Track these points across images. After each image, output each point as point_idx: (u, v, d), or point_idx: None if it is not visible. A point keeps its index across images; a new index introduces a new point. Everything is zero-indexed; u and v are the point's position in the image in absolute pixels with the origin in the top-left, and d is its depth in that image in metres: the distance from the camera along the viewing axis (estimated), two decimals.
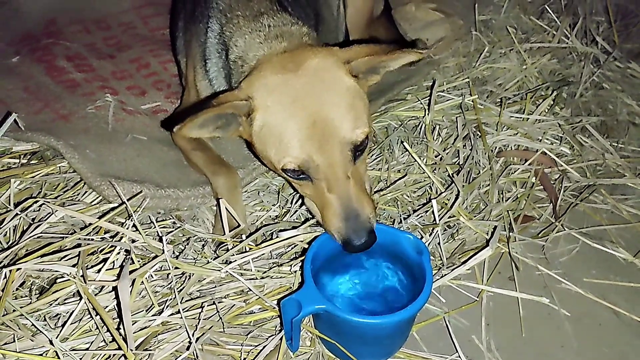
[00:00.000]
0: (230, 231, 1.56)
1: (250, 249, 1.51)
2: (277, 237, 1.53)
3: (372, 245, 1.36)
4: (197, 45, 1.72)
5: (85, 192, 1.69)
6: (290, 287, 1.47)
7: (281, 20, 1.57)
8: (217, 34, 1.64)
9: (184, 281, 1.43)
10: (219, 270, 1.42)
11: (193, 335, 1.31)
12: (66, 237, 1.42)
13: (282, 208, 1.74)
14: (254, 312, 1.44)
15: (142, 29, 2.52)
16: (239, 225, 1.59)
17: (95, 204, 1.62)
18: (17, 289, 1.38)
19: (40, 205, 1.54)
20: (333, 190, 1.34)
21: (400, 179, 1.80)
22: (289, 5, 1.71)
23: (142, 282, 1.35)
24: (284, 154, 1.33)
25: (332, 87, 1.36)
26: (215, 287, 1.45)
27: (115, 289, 1.29)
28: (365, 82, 1.44)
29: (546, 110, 2.08)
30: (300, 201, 1.68)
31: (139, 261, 1.38)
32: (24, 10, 2.51)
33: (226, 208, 1.55)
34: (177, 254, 1.52)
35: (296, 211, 1.69)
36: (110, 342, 1.28)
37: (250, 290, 1.42)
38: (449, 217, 1.67)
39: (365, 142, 1.36)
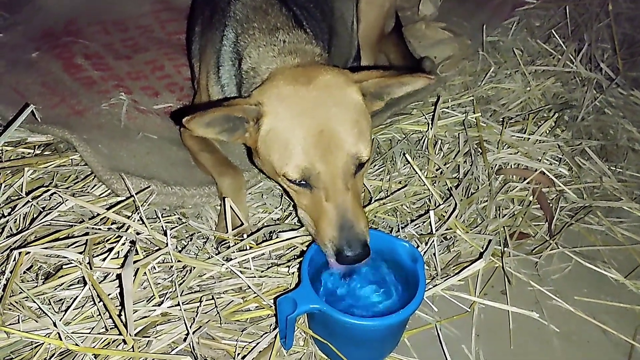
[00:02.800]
0: (232, 229, 1.60)
1: (250, 247, 1.55)
2: (277, 237, 1.57)
3: (364, 259, 1.38)
4: (212, 51, 1.78)
5: (95, 185, 1.74)
6: (288, 288, 1.51)
7: (296, 37, 1.62)
8: (232, 42, 1.69)
9: (185, 275, 1.48)
10: (220, 265, 1.47)
11: (190, 327, 1.35)
12: (75, 225, 1.47)
13: (284, 211, 1.79)
14: (251, 310, 1.48)
15: (159, 33, 2.60)
16: (242, 224, 1.63)
17: (104, 197, 1.67)
18: (24, 273, 1.43)
19: (52, 195, 1.60)
20: (331, 199, 1.37)
21: (399, 189, 1.84)
22: (304, 19, 1.77)
23: (145, 273, 1.39)
24: (287, 159, 1.37)
25: (341, 102, 1.41)
26: (215, 282, 1.50)
27: (119, 276, 1.33)
28: (370, 105, 1.49)
29: (547, 132, 2.13)
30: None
31: (143, 253, 1.43)
32: (47, 8, 2.60)
33: (230, 206, 1.60)
34: (180, 249, 1.57)
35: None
36: (111, 328, 1.33)
37: (249, 287, 1.46)
38: (446, 229, 1.71)
39: (367, 158, 1.41)
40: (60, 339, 1.26)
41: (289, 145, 1.36)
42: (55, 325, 1.27)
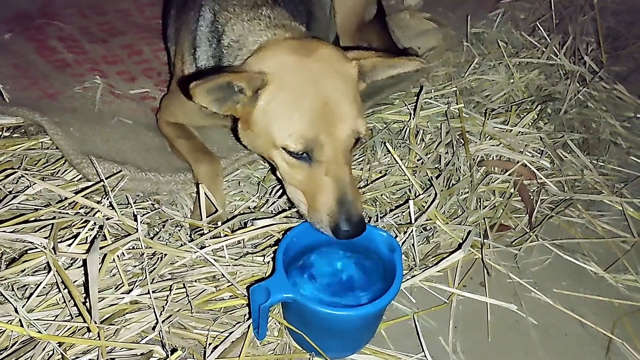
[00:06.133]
0: (207, 216, 1.56)
1: (225, 235, 1.51)
2: (252, 225, 1.53)
3: (361, 234, 1.35)
4: (187, 33, 1.72)
5: (66, 170, 1.69)
6: (263, 277, 1.47)
7: (280, 14, 1.59)
8: (209, 22, 1.63)
9: (156, 262, 1.43)
10: (193, 253, 1.42)
11: (160, 316, 1.30)
12: (40, 209, 1.42)
13: (261, 199, 1.75)
14: (224, 299, 1.44)
15: (138, 17, 2.54)
16: (217, 211, 1.59)
17: (74, 181, 1.62)
18: None
19: (19, 178, 1.54)
20: (331, 173, 1.35)
21: (378, 178, 1.82)
22: (282, 0, 1.73)
23: (114, 259, 1.35)
24: (291, 129, 1.33)
25: (343, 76, 1.39)
26: (188, 271, 1.45)
27: (85, 262, 1.28)
28: None
29: (530, 124, 2.11)
30: (279, 192, 1.69)
31: (112, 238, 1.39)
32: None
33: (205, 193, 1.56)
34: (152, 235, 1.53)
35: (274, 202, 1.70)
36: (76, 316, 1.28)
37: (223, 275, 1.42)
38: (425, 220, 1.68)
39: (364, 134, 1.40)
40: (22, 326, 1.21)
41: (294, 114, 1.34)
42: (17, 311, 1.22)
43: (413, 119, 2.01)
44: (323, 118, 1.33)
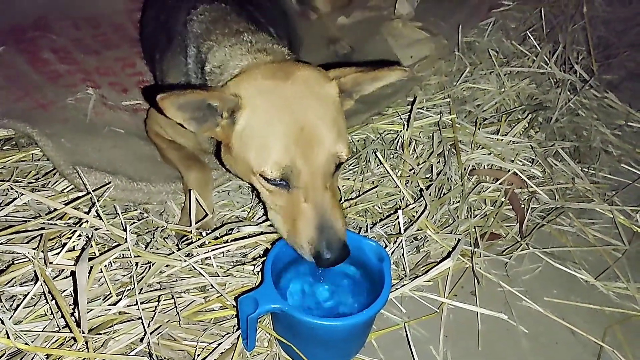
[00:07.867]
0: (196, 222, 1.56)
1: (210, 242, 1.51)
2: (238, 231, 1.53)
3: (344, 260, 1.33)
4: (180, 74, 1.70)
5: (57, 181, 1.69)
6: (253, 287, 1.47)
7: (262, 38, 1.58)
8: (194, 58, 1.63)
9: (144, 271, 1.43)
10: (181, 261, 1.42)
11: (148, 327, 1.30)
12: (28, 220, 1.42)
13: (252, 210, 1.75)
14: (214, 310, 1.44)
15: (132, 31, 2.55)
16: (206, 217, 1.59)
17: (65, 192, 1.62)
18: None
19: (8, 190, 1.55)
20: (310, 199, 1.32)
21: (370, 190, 1.82)
22: (263, 25, 1.74)
23: (101, 269, 1.34)
24: (266, 157, 1.30)
25: (320, 99, 1.36)
26: (177, 281, 1.45)
27: (73, 273, 1.28)
28: (342, 104, 1.45)
29: (521, 133, 2.12)
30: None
31: (99, 249, 1.39)
32: (16, 5, 2.52)
33: (196, 199, 1.56)
34: (144, 245, 1.53)
35: (264, 214, 1.70)
36: (63, 327, 1.28)
37: (212, 286, 1.42)
38: (416, 230, 1.68)
39: (346, 157, 1.37)
40: (9, 338, 1.21)
41: (269, 142, 1.30)
42: (2, 322, 1.21)
43: (407, 130, 2.01)
44: (299, 143, 1.29)
